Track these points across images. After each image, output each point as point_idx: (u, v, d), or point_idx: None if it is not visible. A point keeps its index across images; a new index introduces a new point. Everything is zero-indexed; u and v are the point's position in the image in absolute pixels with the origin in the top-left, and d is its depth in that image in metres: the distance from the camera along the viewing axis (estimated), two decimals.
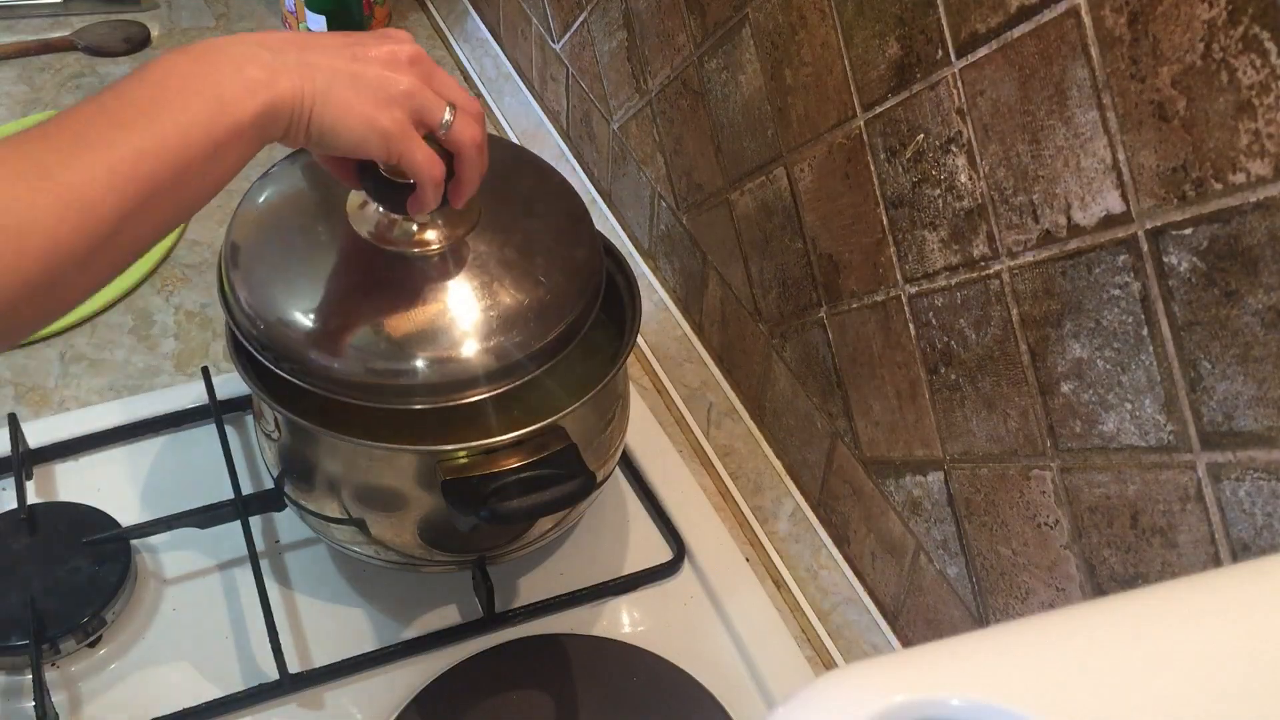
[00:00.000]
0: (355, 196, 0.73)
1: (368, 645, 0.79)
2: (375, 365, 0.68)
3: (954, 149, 0.60)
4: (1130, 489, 0.54)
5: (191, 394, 0.92)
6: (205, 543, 0.83)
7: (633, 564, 0.85)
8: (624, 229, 1.09)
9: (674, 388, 0.99)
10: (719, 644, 0.81)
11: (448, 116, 0.63)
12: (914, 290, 0.67)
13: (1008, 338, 0.60)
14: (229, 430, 0.87)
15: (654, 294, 1.03)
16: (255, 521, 0.83)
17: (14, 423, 0.87)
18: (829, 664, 0.82)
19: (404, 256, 0.71)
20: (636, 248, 1.07)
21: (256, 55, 0.57)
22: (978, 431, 0.64)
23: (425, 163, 0.63)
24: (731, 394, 0.94)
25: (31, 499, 0.84)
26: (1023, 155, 0.55)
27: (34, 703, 0.72)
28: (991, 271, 0.60)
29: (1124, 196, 0.50)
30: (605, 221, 1.11)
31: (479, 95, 1.32)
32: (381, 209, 0.71)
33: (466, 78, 1.34)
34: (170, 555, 0.83)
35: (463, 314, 0.70)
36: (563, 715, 0.76)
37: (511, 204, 0.76)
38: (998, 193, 0.58)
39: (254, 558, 0.80)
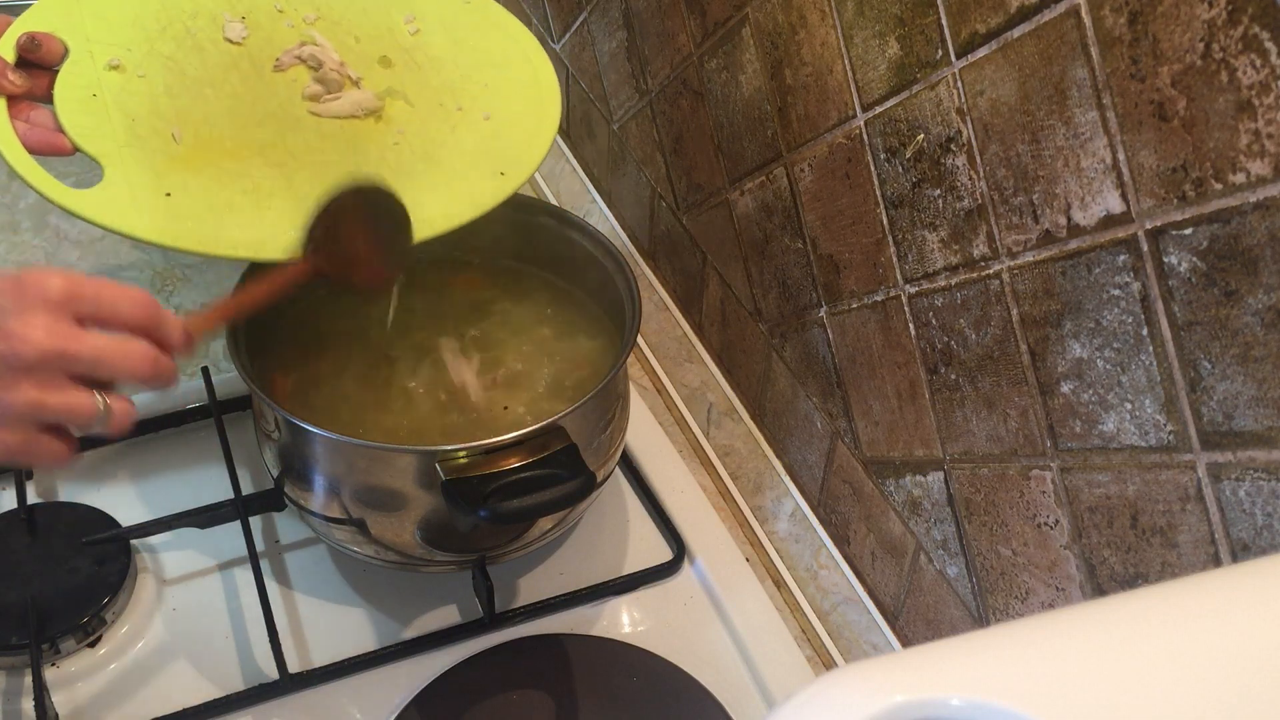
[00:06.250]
0: None
1: (368, 645, 0.79)
2: None
3: (954, 149, 0.60)
4: (1130, 489, 0.54)
5: (191, 394, 0.92)
6: (205, 543, 0.83)
7: (633, 564, 0.85)
8: (624, 229, 1.09)
9: (674, 388, 0.99)
10: (719, 644, 0.81)
11: (98, 418, 0.56)
12: (914, 290, 0.67)
13: (1008, 338, 0.60)
14: (229, 430, 0.87)
15: (654, 294, 1.03)
16: (255, 521, 0.83)
17: None
18: (829, 664, 0.82)
19: None
20: (636, 248, 1.07)
21: None
22: (978, 431, 0.64)
23: (51, 458, 0.56)
24: (731, 394, 0.94)
25: (31, 499, 0.84)
26: (1023, 155, 0.55)
27: (34, 703, 0.72)
28: (991, 271, 0.60)
29: (1124, 196, 0.50)
30: (605, 222, 1.11)
31: None
32: None
33: None
34: (170, 555, 0.83)
35: None
36: (563, 715, 0.76)
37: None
38: (998, 193, 0.58)
39: (254, 558, 0.80)
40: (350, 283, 0.70)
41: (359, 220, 0.68)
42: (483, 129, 0.78)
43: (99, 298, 0.55)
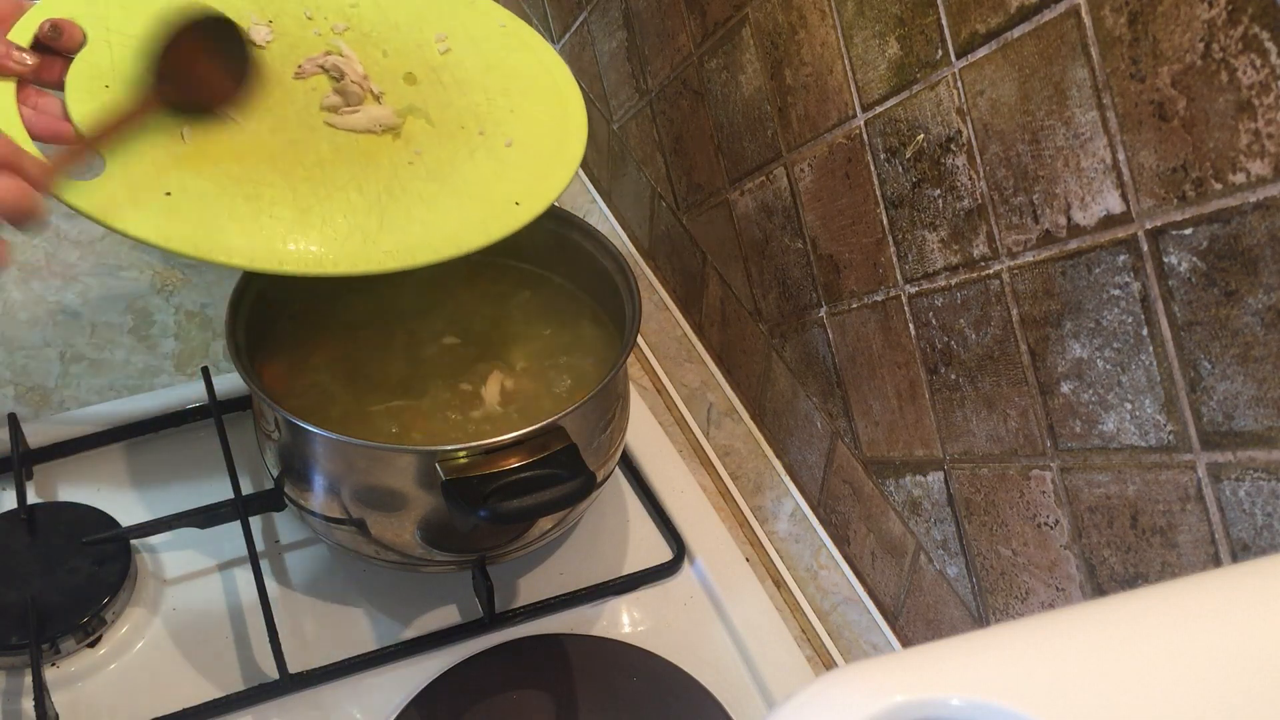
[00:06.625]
0: None
1: (368, 645, 0.79)
2: None
3: (954, 149, 0.60)
4: (1130, 489, 0.54)
5: (191, 394, 0.92)
6: (205, 543, 0.83)
7: (633, 564, 0.85)
8: (624, 229, 1.09)
9: (674, 388, 0.99)
10: (719, 644, 0.81)
11: None
12: (914, 290, 0.67)
13: (1008, 338, 0.60)
14: (229, 430, 0.87)
15: (654, 294, 1.03)
16: (255, 521, 0.83)
17: (14, 423, 0.87)
18: (829, 664, 0.82)
19: None
20: (636, 248, 1.07)
21: None
22: (978, 431, 0.64)
23: None
24: (731, 394, 0.94)
25: (31, 499, 0.84)
26: (1023, 155, 0.56)
27: (34, 703, 0.72)
28: (991, 271, 0.60)
29: (1124, 196, 0.50)
30: (605, 222, 1.11)
31: None
32: None
33: None
34: (170, 555, 0.83)
35: None
36: (563, 715, 0.76)
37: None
38: (998, 193, 0.58)
39: (254, 558, 0.80)
40: (199, 106, 0.70)
41: (197, 45, 0.68)
42: (503, 156, 0.76)
43: None
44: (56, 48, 0.68)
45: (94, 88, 0.69)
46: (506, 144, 0.76)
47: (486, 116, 0.77)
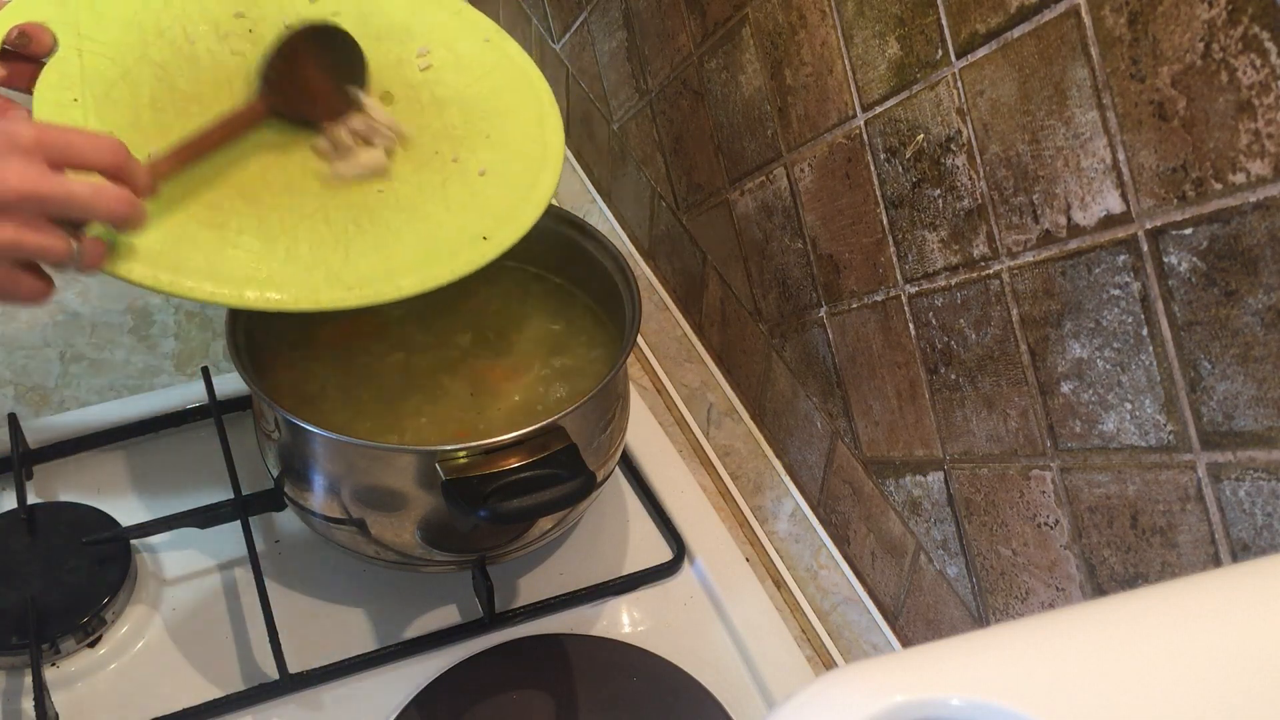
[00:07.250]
0: None
1: (368, 645, 0.79)
2: None
3: (954, 149, 0.60)
4: (1130, 489, 0.54)
5: (191, 394, 0.92)
6: (205, 543, 0.83)
7: (633, 564, 0.85)
8: (624, 229, 1.09)
9: (674, 388, 0.99)
10: (719, 644, 0.81)
11: (71, 256, 0.59)
12: (914, 290, 0.67)
13: (1008, 338, 0.60)
14: (229, 430, 0.87)
15: (654, 294, 1.03)
16: (255, 521, 0.83)
17: (14, 423, 0.87)
18: (829, 664, 0.82)
19: None
20: (636, 248, 1.07)
21: None
22: (978, 431, 0.64)
23: (28, 293, 0.60)
24: (731, 394, 0.94)
25: (31, 499, 0.84)
26: (1023, 155, 0.56)
27: (34, 703, 0.72)
28: (991, 271, 0.60)
29: (1124, 196, 0.50)
30: (605, 222, 1.11)
31: None
32: None
33: None
34: (170, 555, 0.83)
35: None
36: (563, 715, 0.76)
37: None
38: (998, 193, 0.58)
39: (254, 558, 0.80)
40: (304, 116, 0.71)
41: (310, 55, 0.70)
42: (475, 186, 0.73)
43: (69, 143, 0.58)
44: (25, 54, 0.68)
45: (62, 99, 0.67)
46: (480, 173, 0.74)
47: (462, 141, 0.75)
